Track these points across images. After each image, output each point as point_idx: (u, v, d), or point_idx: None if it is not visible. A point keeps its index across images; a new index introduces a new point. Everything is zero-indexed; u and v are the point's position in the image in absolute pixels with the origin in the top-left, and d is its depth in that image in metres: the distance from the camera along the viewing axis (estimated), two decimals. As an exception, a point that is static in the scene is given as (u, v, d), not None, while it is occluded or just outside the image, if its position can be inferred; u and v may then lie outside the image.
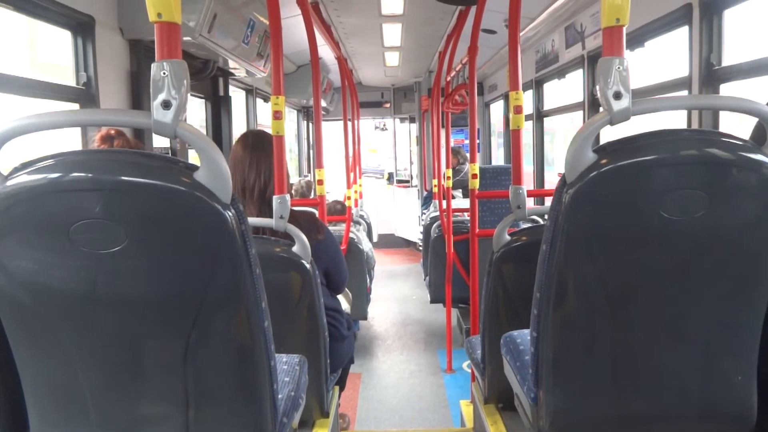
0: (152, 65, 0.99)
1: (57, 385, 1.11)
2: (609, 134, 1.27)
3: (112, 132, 1.93)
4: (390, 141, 9.51)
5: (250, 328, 1.09)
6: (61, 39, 2.50)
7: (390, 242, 9.08)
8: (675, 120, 2.85)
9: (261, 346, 1.11)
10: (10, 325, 1.06)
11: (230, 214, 1.00)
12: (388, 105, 9.10)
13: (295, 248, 1.85)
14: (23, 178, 0.98)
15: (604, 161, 1.13)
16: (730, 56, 2.47)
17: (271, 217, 1.94)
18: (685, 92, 2.62)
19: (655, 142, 1.14)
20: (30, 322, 1.06)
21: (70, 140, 2.52)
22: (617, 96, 1.12)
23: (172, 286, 1.04)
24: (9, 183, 0.98)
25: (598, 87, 1.14)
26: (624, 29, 1.13)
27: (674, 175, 1.13)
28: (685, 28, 2.59)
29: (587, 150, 1.13)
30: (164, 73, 0.99)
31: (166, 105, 0.99)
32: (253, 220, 1.94)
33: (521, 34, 4.53)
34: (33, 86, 2.27)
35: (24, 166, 0.99)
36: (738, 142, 1.15)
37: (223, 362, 1.11)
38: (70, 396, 1.11)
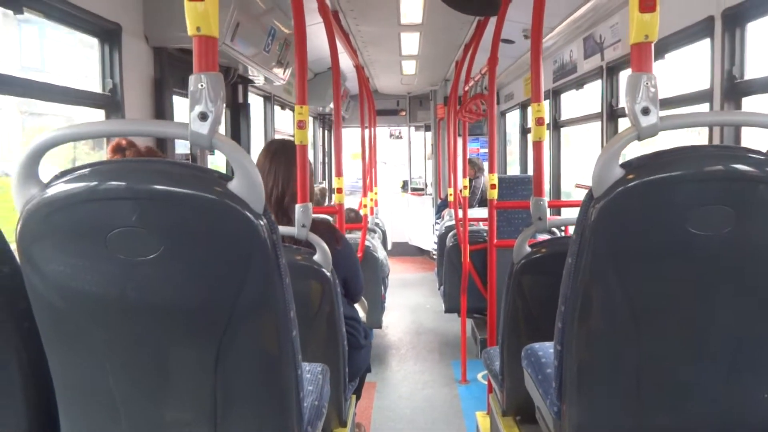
0: (190, 77, 1.01)
1: (87, 388, 1.13)
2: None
3: (123, 143, 1.95)
4: (405, 149, 9.53)
5: (279, 337, 1.10)
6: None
7: (404, 250, 9.08)
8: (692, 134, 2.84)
9: (289, 355, 1.12)
10: (45, 327, 1.08)
11: (263, 223, 1.02)
12: (404, 113, 9.13)
13: (316, 257, 1.86)
14: (62, 186, 1.00)
15: (630, 176, 1.13)
16: (753, 69, 2.46)
17: (285, 224, 1.96)
18: (706, 105, 2.61)
19: (681, 157, 1.15)
20: (64, 326, 1.08)
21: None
22: (645, 111, 1.12)
23: (205, 294, 1.05)
24: (48, 191, 1.00)
25: (626, 102, 1.14)
26: (653, 45, 1.14)
27: (700, 190, 1.13)
28: (707, 41, 2.58)
29: (615, 165, 1.14)
30: (202, 86, 1.01)
31: (203, 117, 1.01)
32: None
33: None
34: (60, 92, 2.31)
35: (62, 174, 1.01)
36: (764, 158, 1.15)
37: (252, 370, 1.12)
38: (100, 399, 1.13)
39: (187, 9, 1.00)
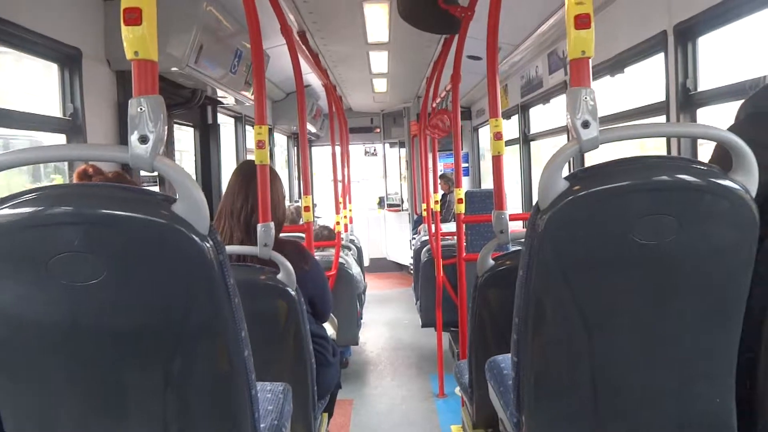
0: (129, 101, 1.02)
1: (36, 417, 1.11)
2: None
3: (90, 170, 1.93)
4: (380, 166, 9.57)
5: (230, 358, 1.09)
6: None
7: (382, 266, 9.07)
8: (655, 147, 2.90)
9: (241, 375, 1.11)
10: None
11: (208, 245, 1.02)
12: (378, 130, 9.18)
13: (280, 276, 1.86)
14: (3, 212, 0.99)
15: (576, 188, 1.16)
16: (707, 81, 2.53)
17: (255, 243, 1.96)
18: (663, 117, 2.68)
19: (626, 168, 1.17)
20: (8, 355, 1.06)
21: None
22: (585, 125, 1.15)
23: (152, 317, 1.04)
24: None
25: (567, 116, 1.17)
26: (590, 61, 1.17)
27: (645, 200, 1.15)
28: (661, 55, 2.65)
29: (559, 177, 1.16)
30: (141, 109, 1.01)
31: (143, 140, 1.01)
32: (237, 248, 1.95)
33: (506, 60, 4.64)
34: (19, 118, 2.29)
35: (3, 200, 1.00)
36: (707, 168, 1.18)
37: (204, 392, 1.11)
38: (52, 427, 1.11)
39: (124, 33, 1.01)
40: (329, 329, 2.42)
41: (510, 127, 5.48)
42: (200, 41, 2.87)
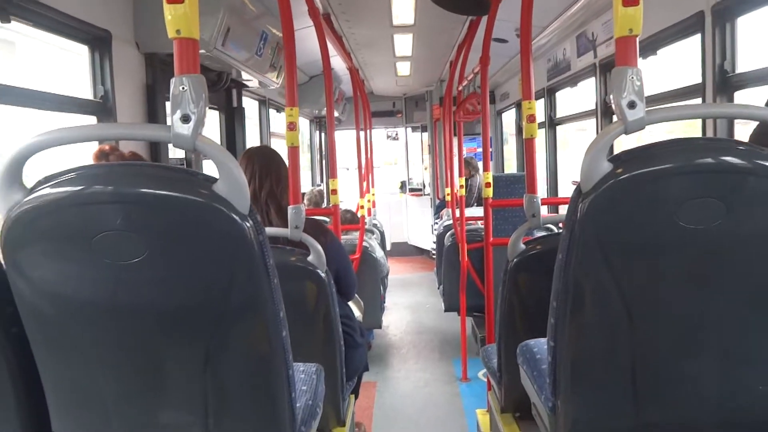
0: (171, 80, 1.01)
1: (78, 392, 1.13)
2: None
3: (106, 148, 1.95)
4: (402, 150, 9.53)
5: (269, 338, 1.10)
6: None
7: (403, 251, 9.08)
8: (689, 129, 2.84)
9: (279, 355, 1.12)
10: (33, 333, 1.08)
11: (248, 224, 1.02)
12: (400, 115, 9.13)
13: (310, 258, 1.87)
14: (46, 191, 1.00)
15: (619, 170, 1.13)
16: (744, 63, 2.46)
17: (266, 223, 1.99)
18: (698, 100, 2.61)
19: (670, 150, 1.14)
20: (52, 331, 1.08)
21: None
22: (631, 105, 1.12)
23: (192, 297, 1.05)
24: (33, 196, 1.00)
25: (612, 97, 1.14)
26: (637, 39, 1.14)
27: (690, 183, 1.13)
28: (698, 36, 2.58)
29: (602, 159, 1.13)
30: (183, 88, 1.01)
31: (185, 119, 1.01)
32: (268, 231, 1.96)
33: (533, 42, 4.55)
34: (51, 100, 2.31)
35: (47, 179, 1.01)
36: (753, 150, 1.15)
37: (243, 371, 1.12)
38: (92, 403, 1.13)
39: (167, 11, 1.00)
40: (356, 311, 2.43)
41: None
42: (227, 24, 2.86)
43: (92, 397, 1.12)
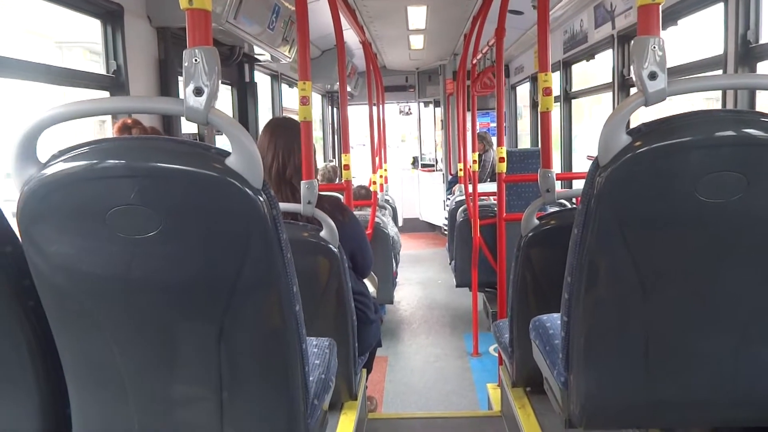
0: (184, 52, 1.00)
1: (95, 366, 1.14)
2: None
3: (129, 121, 1.96)
4: (414, 125, 9.46)
5: (282, 312, 1.10)
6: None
7: (415, 226, 9.08)
8: (708, 102, 2.78)
9: (293, 329, 1.12)
10: (50, 307, 1.09)
11: (261, 198, 1.01)
12: (413, 89, 9.04)
13: (322, 233, 1.86)
14: (60, 165, 1.00)
15: (637, 143, 1.11)
16: (768, 33, 2.40)
17: (288, 197, 1.97)
18: (719, 71, 2.55)
19: (691, 122, 1.12)
20: (68, 305, 1.08)
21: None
22: (653, 76, 1.09)
23: (206, 270, 1.05)
24: (46, 170, 1.00)
25: (633, 67, 1.11)
26: (660, 8, 1.10)
27: (710, 156, 1.10)
28: (720, 5, 2.51)
29: (621, 132, 1.11)
30: (196, 60, 1.00)
31: (198, 92, 1.00)
32: (281, 206, 1.95)
33: (549, 13, 4.46)
34: (64, 75, 2.31)
35: (61, 153, 1.01)
36: None
37: (256, 345, 1.12)
38: (108, 376, 1.14)
39: None
40: (370, 287, 2.43)
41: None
42: (239, -4, 2.84)
43: (108, 371, 1.13)
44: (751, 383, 1.27)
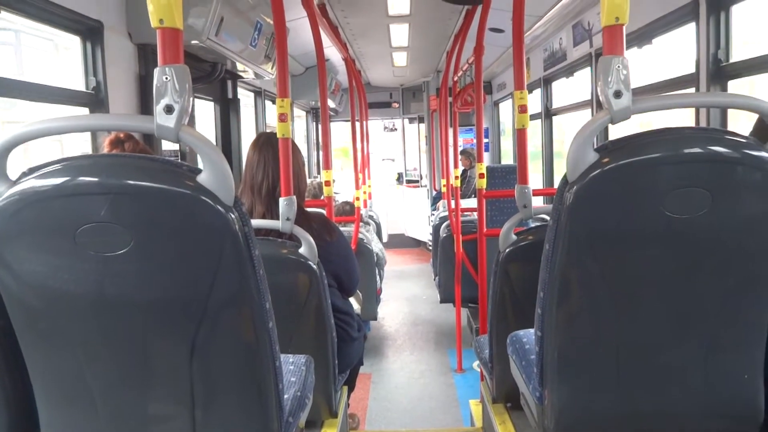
0: (155, 70, 1.01)
1: (65, 384, 1.13)
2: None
3: (122, 135, 1.95)
4: (399, 141, 9.51)
5: (255, 329, 1.10)
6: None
7: (400, 242, 9.08)
8: (683, 119, 2.84)
9: (266, 346, 1.12)
10: (20, 325, 1.08)
11: (233, 216, 1.02)
12: (397, 105, 9.10)
13: (302, 249, 1.86)
14: (31, 182, 1.00)
15: (605, 160, 1.13)
16: (738, 52, 2.46)
17: (279, 216, 1.97)
18: (692, 89, 2.61)
19: (658, 140, 1.14)
20: (39, 323, 1.08)
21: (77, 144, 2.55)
22: (617, 95, 1.12)
23: (177, 288, 1.05)
24: (17, 188, 0.99)
25: (598, 86, 1.14)
26: (624, 28, 1.14)
27: (677, 173, 1.13)
28: (692, 25, 2.57)
29: (588, 149, 1.13)
30: (167, 78, 1.00)
31: (168, 109, 1.00)
32: (259, 222, 1.95)
33: (528, 32, 4.54)
34: (43, 91, 2.30)
35: (31, 170, 1.01)
36: (742, 140, 1.14)
37: (229, 362, 1.12)
38: (79, 395, 1.13)
39: (149, 0, 1.00)
40: (354, 304, 2.42)
41: (532, 102, 5.38)
42: (220, 13, 2.85)
43: (79, 390, 1.12)
44: (721, 393, 1.28)
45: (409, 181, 9.32)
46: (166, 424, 1.15)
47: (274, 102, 5.74)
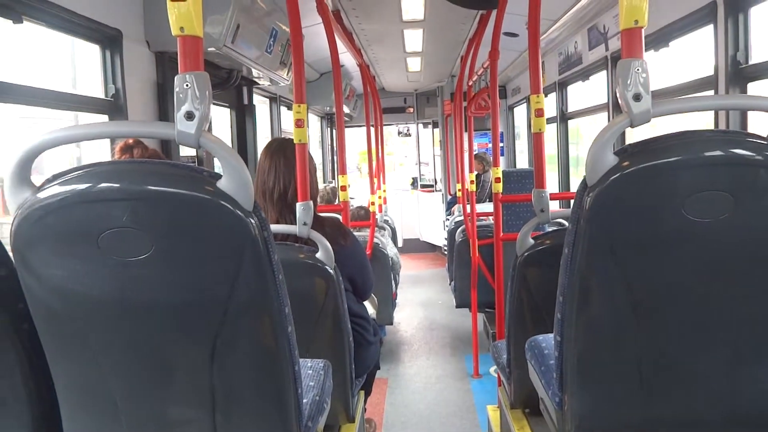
0: (176, 77, 1.02)
1: (88, 388, 1.14)
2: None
3: (131, 142, 1.99)
4: (413, 146, 9.52)
5: (274, 333, 1.10)
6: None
7: (415, 247, 9.07)
8: (703, 122, 2.81)
9: (285, 350, 1.12)
10: (44, 329, 1.09)
11: (253, 221, 1.02)
12: (411, 110, 9.11)
13: (318, 254, 1.87)
14: (54, 189, 1.01)
15: (625, 164, 1.12)
16: (758, 54, 2.43)
17: (291, 221, 1.98)
18: (711, 92, 2.58)
19: (678, 143, 1.13)
20: (62, 327, 1.09)
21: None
22: (637, 98, 1.11)
23: (198, 293, 1.06)
24: (41, 194, 1.01)
25: (617, 89, 1.13)
26: (643, 31, 1.13)
27: (698, 176, 1.11)
28: (710, 27, 2.55)
29: (608, 152, 1.13)
30: (187, 85, 1.02)
31: (189, 116, 1.01)
32: (277, 227, 1.96)
33: (544, 36, 4.53)
34: (64, 99, 2.34)
35: (55, 177, 1.03)
36: (764, 142, 1.13)
37: (248, 367, 1.13)
38: (101, 398, 1.14)
39: (170, 9, 1.01)
40: (369, 309, 2.42)
41: (546, 106, 5.36)
42: (237, 21, 2.88)
43: (101, 394, 1.13)
44: (746, 401, 1.26)
45: (423, 186, 9.31)
46: (186, 428, 1.15)
47: (289, 108, 5.79)
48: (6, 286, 1.09)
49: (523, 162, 7.60)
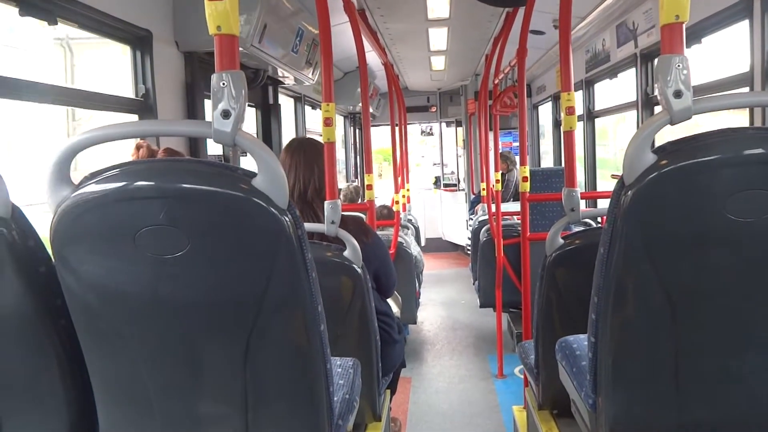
0: (212, 76, 1.03)
1: (123, 384, 1.16)
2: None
3: (140, 141, 2.05)
4: (437, 145, 9.49)
5: (307, 332, 1.10)
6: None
7: (437, 246, 9.05)
8: (735, 121, 2.75)
9: (317, 349, 1.12)
10: (81, 326, 1.11)
11: (287, 219, 1.03)
12: (434, 109, 9.08)
13: (346, 253, 1.87)
14: (92, 187, 1.02)
15: (663, 162, 1.10)
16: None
17: (311, 219, 1.99)
18: (745, 89, 2.52)
19: (718, 141, 1.10)
20: (98, 324, 1.10)
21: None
22: (677, 95, 1.08)
23: (232, 290, 1.06)
24: (79, 192, 1.02)
25: (657, 86, 1.11)
26: (684, 26, 1.10)
27: (739, 175, 1.09)
28: (746, 23, 2.49)
29: (646, 151, 1.10)
30: (223, 84, 1.02)
31: (225, 114, 1.02)
32: (305, 226, 1.97)
33: (572, 33, 4.47)
34: (95, 99, 2.38)
35: (92, 175, 1.04)
36: None
37: (281, 365, 1.13)
38: (136, 395, 1.15)
39: (208, 8, 1.02)
40: (393, 307, 2.42)
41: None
42: (264, 21, 2.90)
43: (136, 390, 1.14)
44: None
45: (446, 185, 9.28)
46: (219, 425, 1.16)
47: (313, 107, 5.81)
48: (45, 283, 1.11)
49: (547, 161, 7.52)
